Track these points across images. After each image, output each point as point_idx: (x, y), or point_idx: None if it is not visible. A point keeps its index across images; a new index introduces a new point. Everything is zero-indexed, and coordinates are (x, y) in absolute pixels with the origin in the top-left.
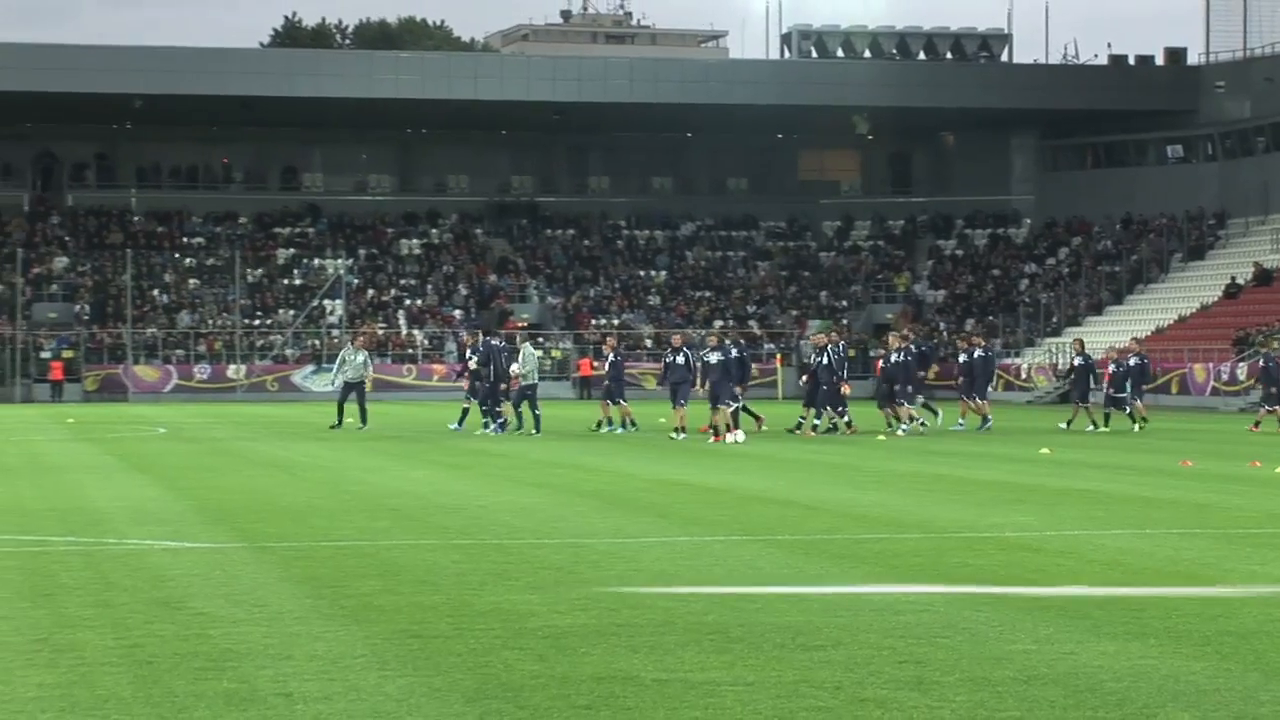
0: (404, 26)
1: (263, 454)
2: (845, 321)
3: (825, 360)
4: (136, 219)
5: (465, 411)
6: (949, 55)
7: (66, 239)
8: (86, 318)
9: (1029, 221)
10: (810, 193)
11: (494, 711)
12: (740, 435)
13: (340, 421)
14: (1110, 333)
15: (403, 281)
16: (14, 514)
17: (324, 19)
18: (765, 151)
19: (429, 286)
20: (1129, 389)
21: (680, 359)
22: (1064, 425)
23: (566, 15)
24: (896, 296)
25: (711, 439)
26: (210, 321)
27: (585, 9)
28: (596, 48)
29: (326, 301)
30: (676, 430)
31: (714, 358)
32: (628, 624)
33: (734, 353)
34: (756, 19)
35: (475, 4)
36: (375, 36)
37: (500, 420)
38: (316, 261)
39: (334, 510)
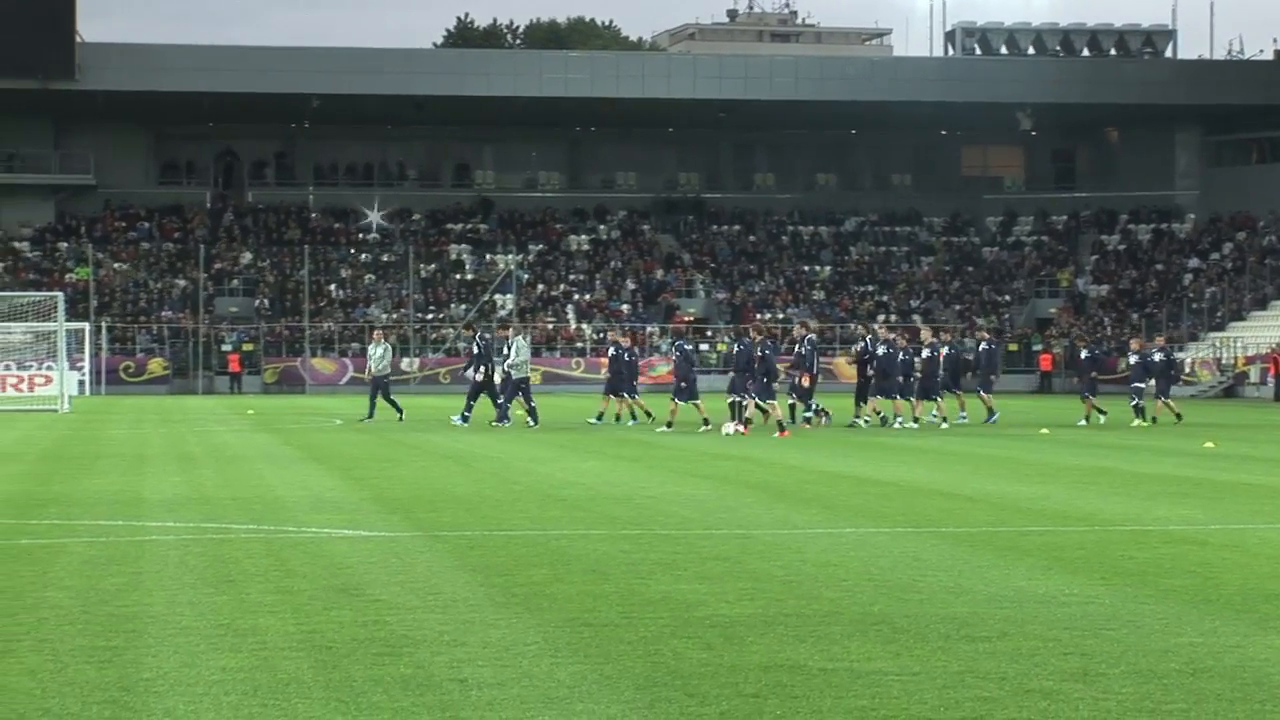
0: (573, 26)
1: (436, 445)
2: (1004, 317)
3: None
4: (314, 215)
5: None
6: (1113, 51)
7: (247, 235)
8: (266, 312)
9: (1193, 216)
10: (973, 188)
11: (663, 699)
12: (730, 428)
13: (374, 413)
14: (1274, 328)
15: (571, 276)
16: (197, 502)
17: (495, 19)
18: (929, 148)
19: (597, 281)
20: (1149, 385)
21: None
22: (1084, 422)
23: (733, 14)
24: (1059, 291)
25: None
26: (385, 316)
27: (751, 8)
28: (762, 46)
29: (498, 296)
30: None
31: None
32: (794, 614)
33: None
34: (920, 17)
35: (643, 4)
36: (545, 36)
37: (503, 412)
38: (488, 257)
39: (505, 500)
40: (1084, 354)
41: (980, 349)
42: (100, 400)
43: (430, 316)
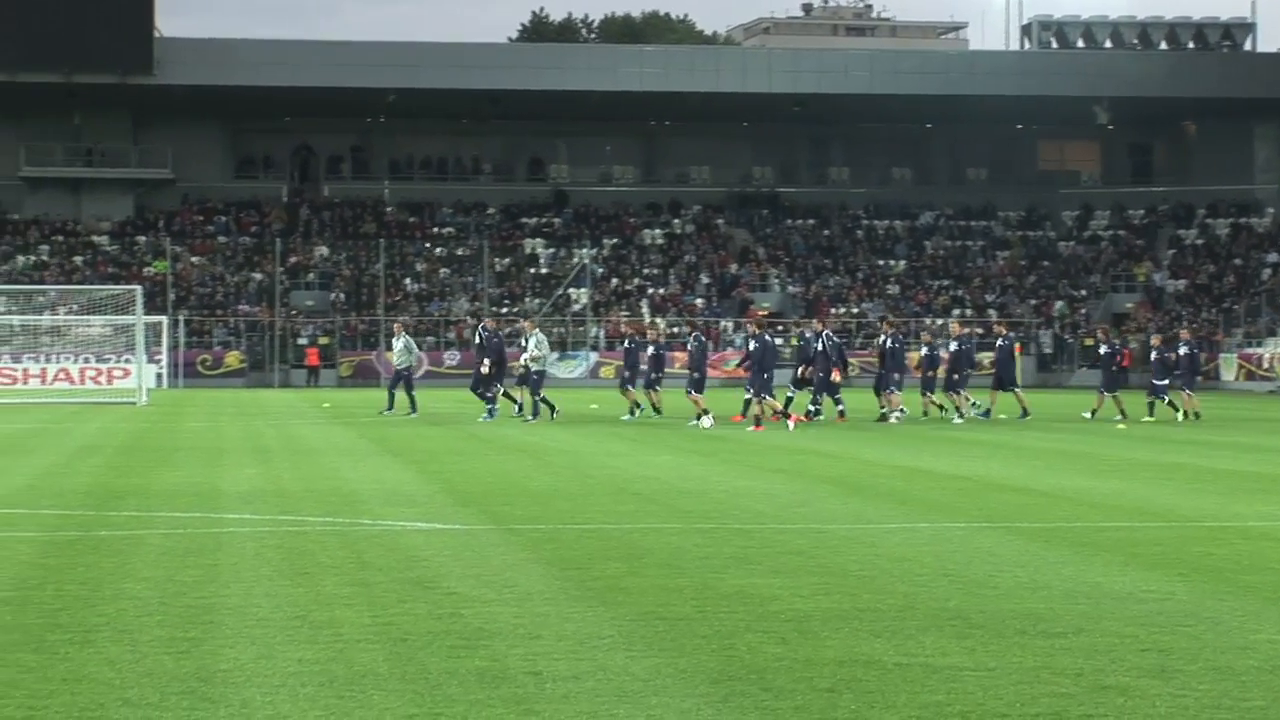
0: (648, 20)
1: (510, 439)
2: (1087, 311)
3: (820, 347)
4: (389, 209)
5: (494, 397)
6: (1191, 45)
7: (323, 229)
8: (342, 306)
9: (1271, 211)
10: (1050, 182)
11: (738, 693)
12: (709, 421)
13: (392, 405)
14: None
15: (646, 270)
16: (274, 495)
17: (570, 14)
18: (1005, 141)
19: (671, 275)
20: (1169, 380)
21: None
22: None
23: (807, 8)
24: (1136, 286)
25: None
26: (459, 310)
27: (826, 2)
28: (837, 40)
29: (572, 290)
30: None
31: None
32: (869, 608)
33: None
34: (996, 10)
35: None
36: (619, 30)
37: (492, 406)
38: (562, 251)
39: (579, 494)
40: (1102, 349)
41: (998, 344)
42: (177, 393)
43: (505, 310)
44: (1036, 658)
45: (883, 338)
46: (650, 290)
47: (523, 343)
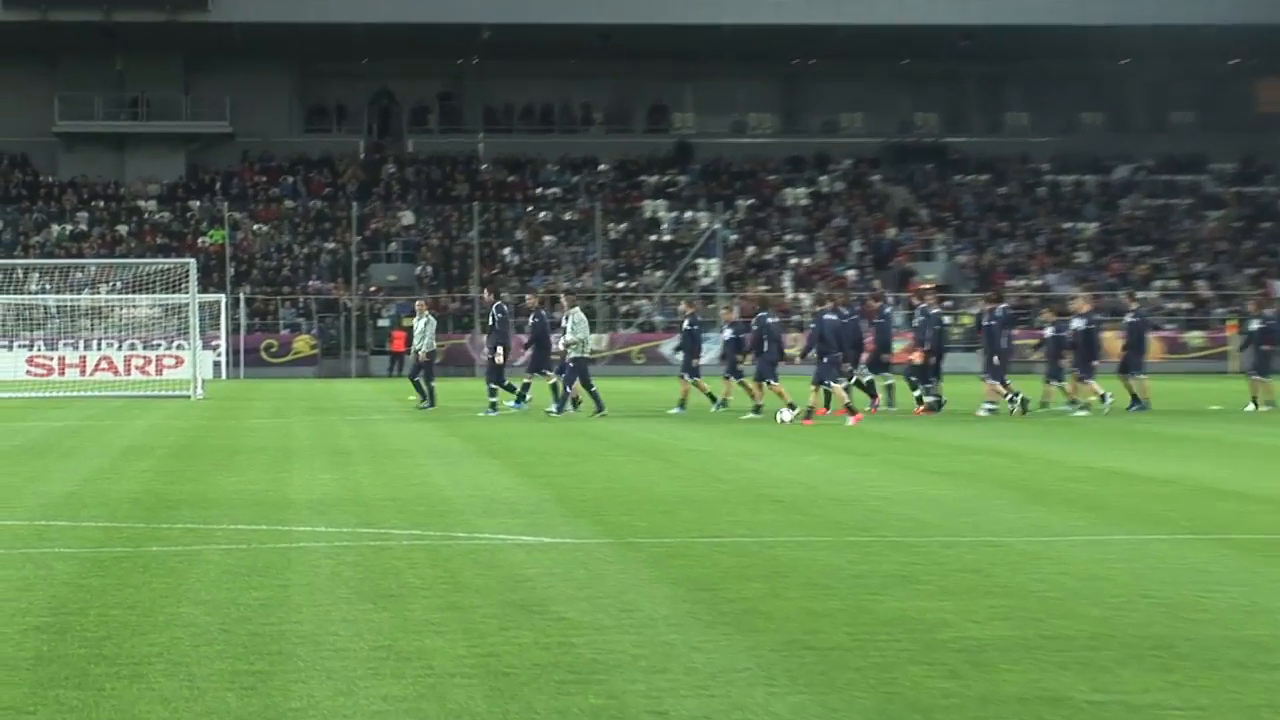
0: None
1: (628, 437)
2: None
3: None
4: (484, 167)
5: (525, 386)
6: None
7: (407, 191)
8: (429, 280)
9: None
10: (1271, 128)
11: None
12: (785, 415)
13: (424, 398)
14: None
15: (787, 237)
16: (353, 504)
17: None
18: (1216, 80)
19: (818, 242)
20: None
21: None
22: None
23: None
24: None
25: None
26: (568, 284)
27: None
28: None
29: (700, 261)
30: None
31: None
32: (1055, 636)
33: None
34: None
35: None
36: None
37: (493, 400)
38: (688, 214)
39: (710, 501)
40: (1254, 325)
41: (1127, 320)
42: (238, 384)
43: (621, 285)
44: (1256, 694)
45: (1074, 321)
46: (793, 260)
47: (564, 324)
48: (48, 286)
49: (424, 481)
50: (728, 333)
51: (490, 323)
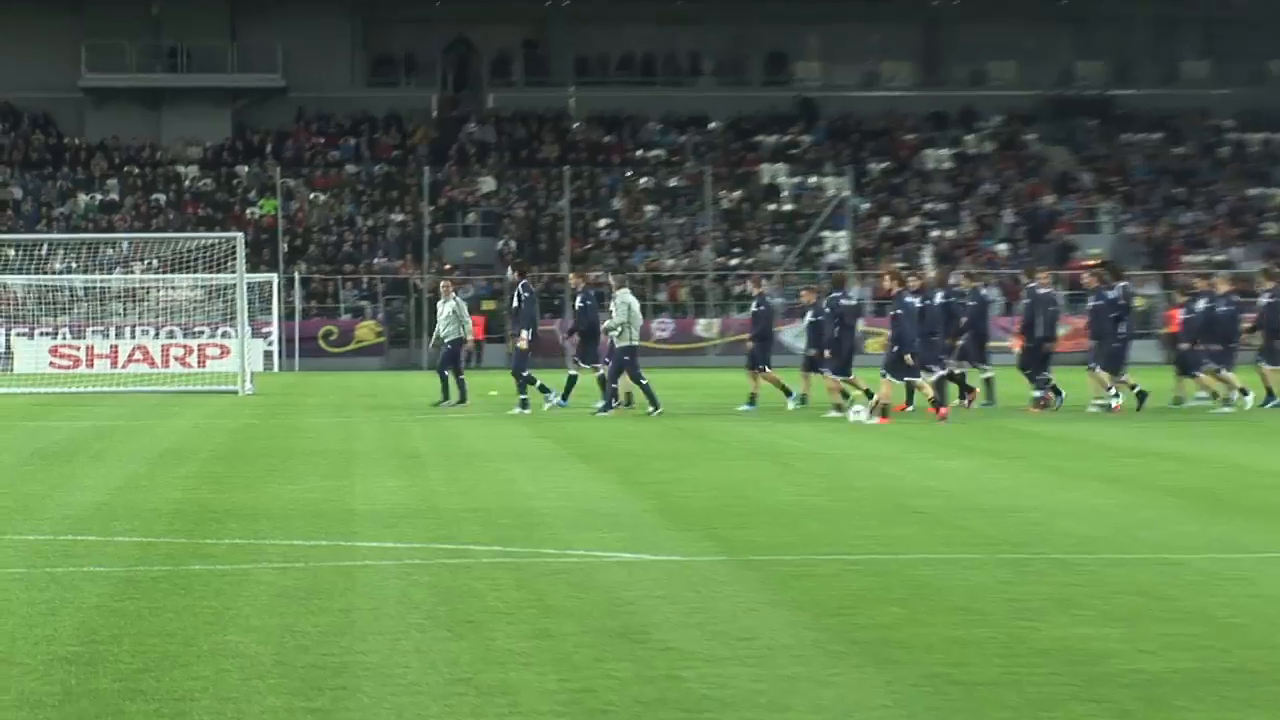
0: None
1: (743, 437)
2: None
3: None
4: (576, 126)
5: (571, 380)
6: None
7: (487, 154)
8: (513, 257)
9: None
10: None
11: None
12: (861, 414)
13: (446, 395)
14: None
15: (928, 206)
16: (426, 516)
17: None
18: None
19: (963, 212)
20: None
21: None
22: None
23: None
24: None
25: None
26: (673, 262)
27: None
28: None
29: (826, 233)
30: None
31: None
32: (1241, 669)
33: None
34: None
35: None
36: None
37: (525, 396)
38: (812, 180)
39: (839, 512)
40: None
41: (1265, 302)
42: (293, 378)
43: (735, 262)
44: None
45: (1263, 296)
46: (934, 233)
47: (610, 307)
48: (74, 265)
49: (507, 490)
50: (808, 316)
51: (514, 304)
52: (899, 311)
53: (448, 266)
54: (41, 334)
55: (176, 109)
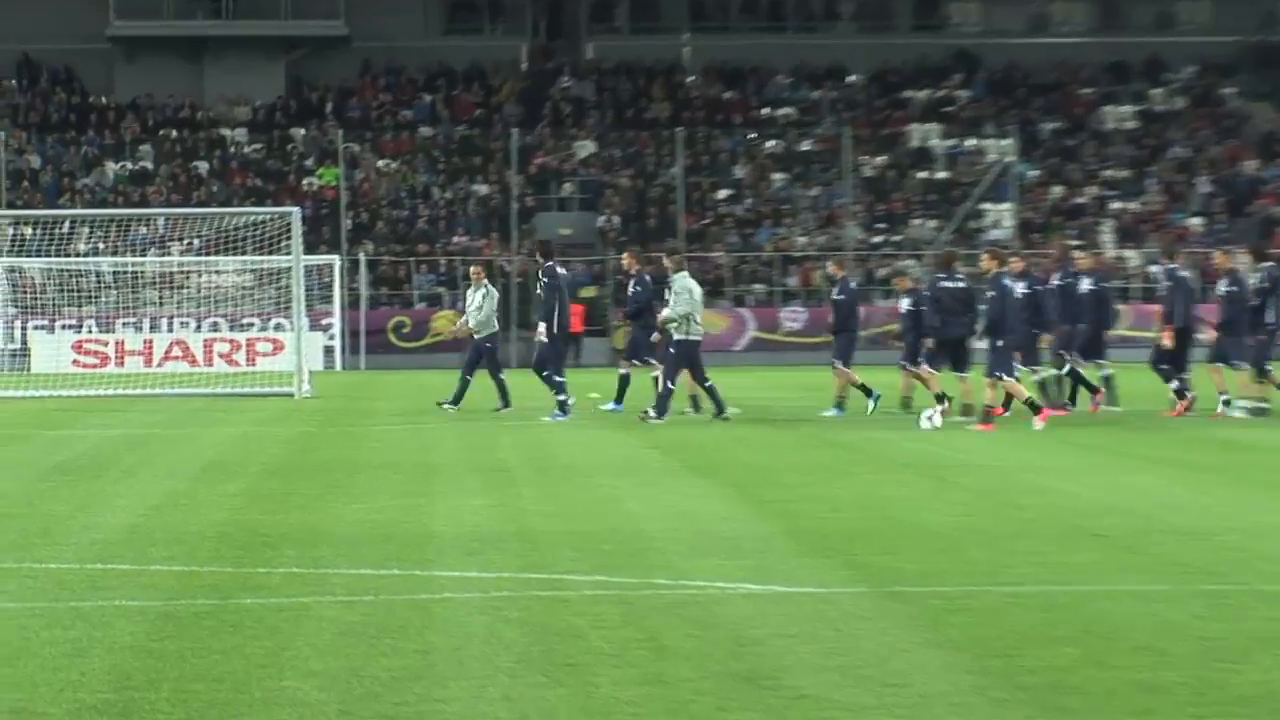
0: None
1: (887, 446)
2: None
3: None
4: (690, 80)
5: (623, 381)
6: None
7: (585, 113)
8: (617, 235)
9: None
10: None
11: None
12: (934, 418)
13: (458, 400)
14: None
15: (1107, 173)
16: (515, 539)
17: None
18: None
19: (1149, 180)
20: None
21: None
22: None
23: None
24: None
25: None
26: (806, 239)
27: None
28: None
29: (987, 206)
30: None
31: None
32: None
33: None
34: None
35: None
36: None
37: (563, 398)
38: (970, 142)
39: (1003, 536)
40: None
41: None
42: (358, 377)
43: (879, 239)
44: None
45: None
46: (1115, 204)
47: (666, 294)
48: (101, 246)
49: (612, 509)
50: (905, 303)
51: (538, 291)
52: (995, 296)
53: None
54: (64, 327)
55: (221, 62)
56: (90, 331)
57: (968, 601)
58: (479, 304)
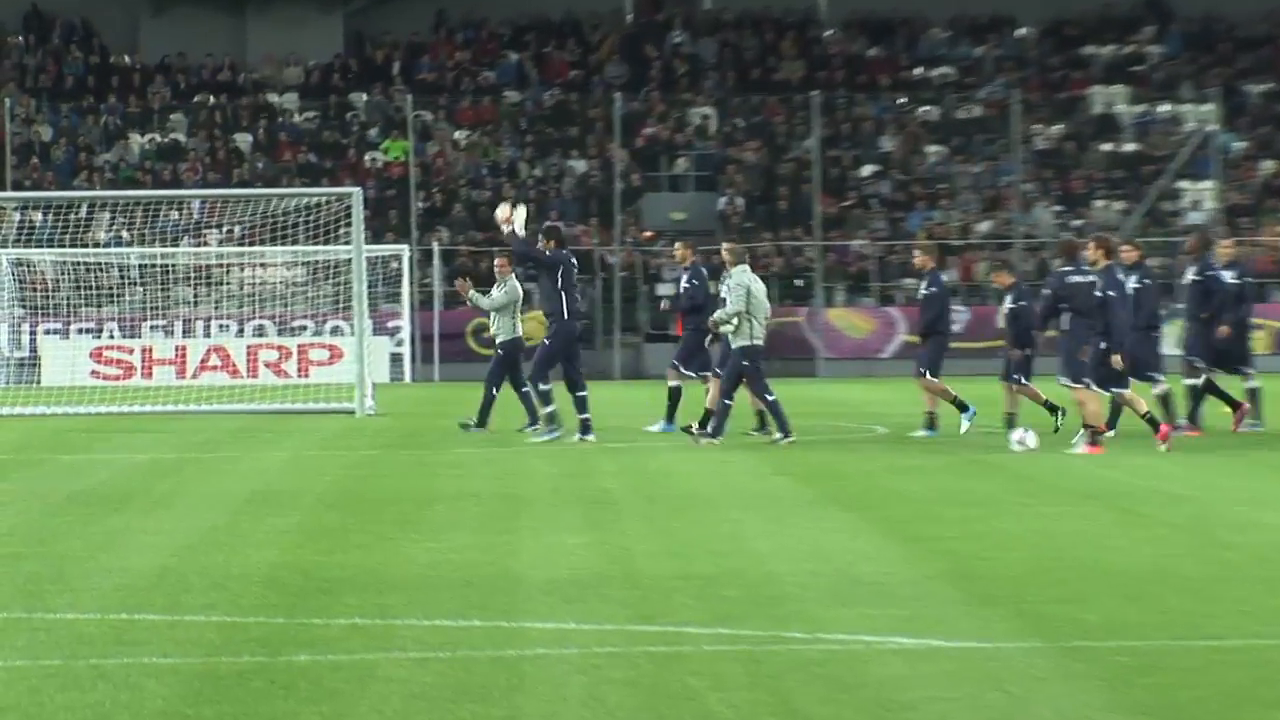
0: None
1: (1066, 475)
2: None
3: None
4: (828, 34)
5: (674, 395)
6: None
7: (701, 73)
8: (741, 221)
9: None
10: None
11: None
12: (1027, 438)
13: (534, 418)
14: None
15: None
16: (621, 584)
17: None
18: None
19: None
20: None
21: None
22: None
23: None
24: None
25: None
26: (965, 224)
27: None
28: None
29: (1184, 184)
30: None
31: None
32: None
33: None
34: None
35: None
36: None
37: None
38: (1164, 108)
39: (1206, 580)
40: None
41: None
42: (431, 390)
43: (1057, 222)
44: None
45: None
46: None
47: (722, 291)
48: (124, 235)
49: (734, 548)
50: (1006, 303)
51: (553, 275)
52: (1111, 294)
53: (646, 234)
54: (81, 331)
55: (266, 16)
56: (112, 337)
57: (1162, 659)
58: (502, 297)
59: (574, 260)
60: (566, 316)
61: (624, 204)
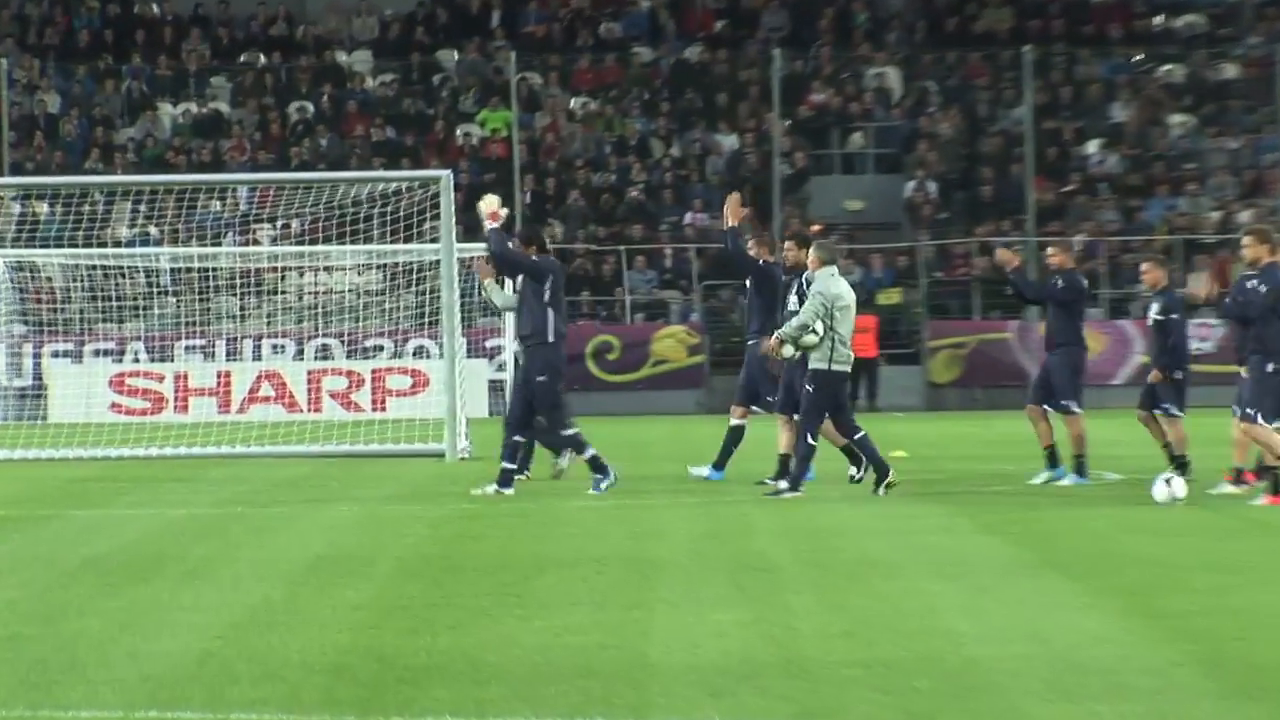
0: None
1: None
2: None
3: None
4: None
5: (732, 435)
6: None
7: (879, 29)
8: (935, 212)
9: None
10: None
11: None
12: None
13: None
14: None
15: None
16: (782, 673)
17: None
18: None
19: None
20: None
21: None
22: None
23: None
24: None
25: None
26: (1221, 214)
27: None
28: None
29: None
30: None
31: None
32: None
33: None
34: None
35: None
36: None
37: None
38: None
39: None
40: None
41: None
42: None
43: None
44: None
45: None
46: None
47: (790, 303)
48: (153, 231)
49: (925, 626)
50: (1153, 311)
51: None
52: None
53: (815, 227)
54: (97, 354)
55: None
56: (137, 360)
57: None
58: (513, 301)
59: (563, 269)
60: (552, 339)
61: (785, 190)
